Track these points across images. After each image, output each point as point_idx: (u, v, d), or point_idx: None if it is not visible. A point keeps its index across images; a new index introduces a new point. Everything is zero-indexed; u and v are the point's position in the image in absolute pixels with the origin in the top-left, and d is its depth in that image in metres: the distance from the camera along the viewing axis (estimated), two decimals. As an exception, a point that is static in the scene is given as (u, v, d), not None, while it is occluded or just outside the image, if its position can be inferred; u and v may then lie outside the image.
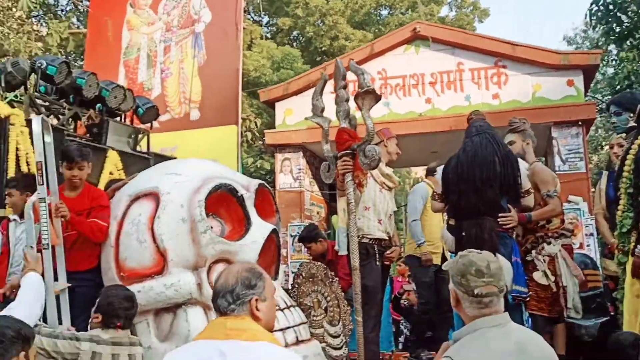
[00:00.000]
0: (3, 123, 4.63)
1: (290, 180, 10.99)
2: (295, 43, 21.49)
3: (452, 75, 10.44)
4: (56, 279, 3.49)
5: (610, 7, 12.23)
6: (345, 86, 4.15)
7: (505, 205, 4.15)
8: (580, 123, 9.63)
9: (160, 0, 10.07)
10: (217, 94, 9.18)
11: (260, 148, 15.66)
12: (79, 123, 5.51)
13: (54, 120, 5.24)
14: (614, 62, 14.56)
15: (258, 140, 14.84)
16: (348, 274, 4.19)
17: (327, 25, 19.20)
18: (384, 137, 4.99)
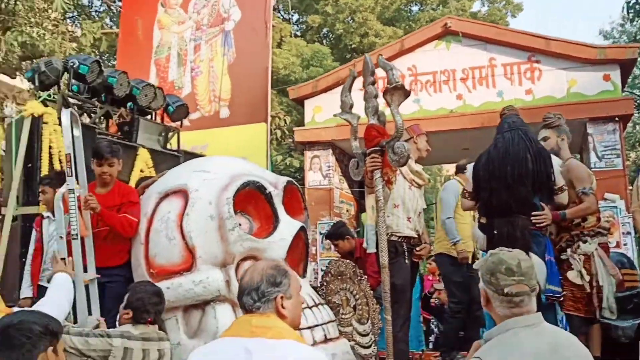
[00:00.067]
0: (37, 122, 4.72)
1: (319, 177, 10.96)
2: (325, 40, 21.44)
3: (484, 71, 10.24)
4: (85, 271, 3.54)
5: (649, -1, 11.92)
6: (374, 82, 4.08)
7: (538, 202, 4.07)
8: (617, 119, 9.35)
9: (190, -1, 10.16)
10: (246, 92, 9.20)
11: (290, 145, 15.67)
12: (111, 121, 5.59)
13: (86, 119, 5.32)
14: (652, 56, 14.13)
15: (287, 138, 14.84)
16: (377, 271, 4.14)
17: (356, 22, 19.05)
18: (413, 134, 4.94)
